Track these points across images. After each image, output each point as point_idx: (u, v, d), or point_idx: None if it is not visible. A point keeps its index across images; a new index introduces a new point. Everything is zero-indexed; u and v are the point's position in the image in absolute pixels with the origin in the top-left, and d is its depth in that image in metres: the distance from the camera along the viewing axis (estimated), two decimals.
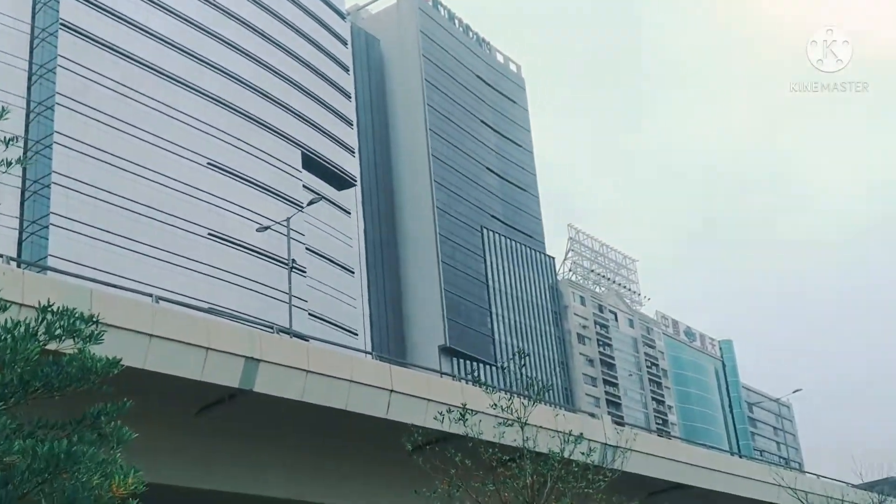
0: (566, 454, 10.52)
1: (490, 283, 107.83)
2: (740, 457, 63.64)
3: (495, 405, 10.89)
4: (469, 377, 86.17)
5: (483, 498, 10.23)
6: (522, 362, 15.42)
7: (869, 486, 32.53)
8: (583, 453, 10.78)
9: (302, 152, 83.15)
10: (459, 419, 10.81)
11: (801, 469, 70.15)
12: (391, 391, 27.24)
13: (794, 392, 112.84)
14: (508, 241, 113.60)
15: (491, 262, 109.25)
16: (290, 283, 51.97)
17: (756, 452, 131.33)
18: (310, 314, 74.27)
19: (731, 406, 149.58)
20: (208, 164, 73.74)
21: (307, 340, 29.93)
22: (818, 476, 48.76)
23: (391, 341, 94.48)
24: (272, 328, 30.04)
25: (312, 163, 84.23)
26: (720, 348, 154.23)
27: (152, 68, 71.51)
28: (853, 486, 36.85)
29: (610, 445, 22.32)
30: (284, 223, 50.42)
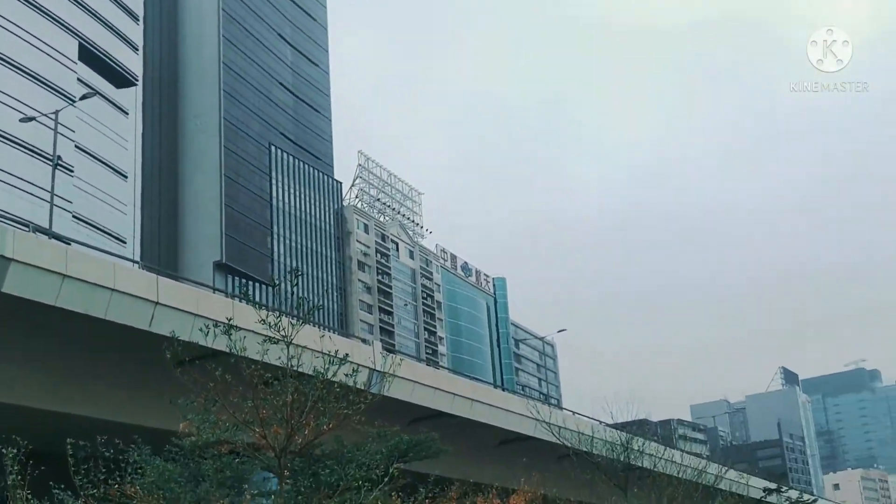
0: (329, 375, 10.22)
1: (274, 202, 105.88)
2: (503, 390, 66.20)
3: (263, 321, 10.41)
4: (241, 295, 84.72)
5: (241, 414, 9.79)
6: (295, 281, 14.97)
7: (620, 426, 34.58)
8: (346, 374, 10.53)
9: (79, 42, 77.37)
10: (224, 333, 10.25)
11: (559, 406, 73.89)
12: (156, 303, 26.09)
13: (558, 332, 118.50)
14: (297, 161, 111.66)
15: (277, 181, 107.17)
16: (53, 181, 48.84)
17: (519, 387, 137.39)
18: (74, 216, 70.07)
19: (498, 341, 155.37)
20: None
21: (68, 244, 28.08)
22: (573, 413, 51.47)
23: (163, 253, 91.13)
24: (27, 227, 28.06)
25: (90, 55, 78.50)
26: (494, 285, 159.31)
27: None
28: (605, 424, 39.21)
29: (376, 370, 22.33)
30: (52, 116, 47.17)
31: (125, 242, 79.16)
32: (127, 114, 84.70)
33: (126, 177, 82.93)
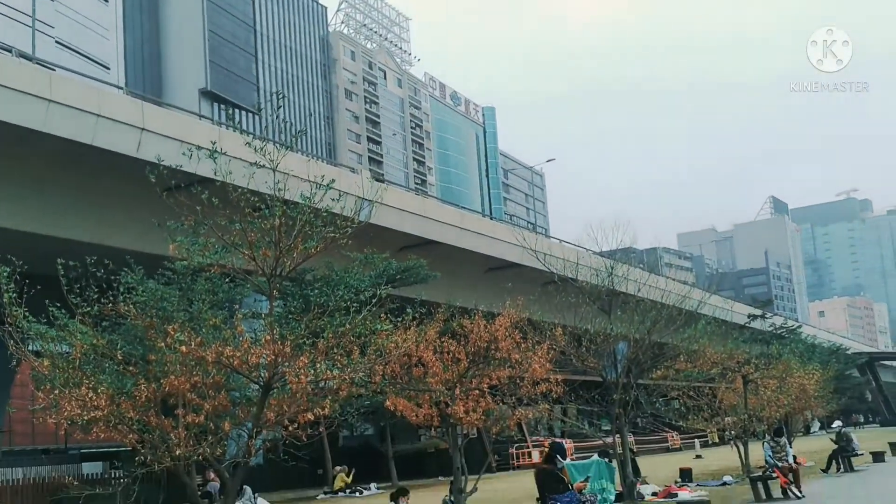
0: (316, 200, 10.33)
1: (258, 27, 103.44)
2: (491, 219, 66.82)
3: (248, 144, 10.42)
4: (228, 123, 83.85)
5: (229, 237, 9.95)
6: (280, 103, 14.82)
7: (606, 254, 35.21)
8: (333, 200, 10.63)
9: None
10: (210, 157, 10.27)
11: (546, 234, 74.74)
12: (142, 129, 25.98)
13: (547, 161, 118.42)
14: None
15: (260, 6, 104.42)
16: (34, 5, 47.59)
17: (507, 216, 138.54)
18: (57, 42, 68.54)
19: (487, 171, 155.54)
20: None
21: (52, 70, 27.65)
22: (560, 241, 52.15)
23: (147, 80, 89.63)
24: (10, 51, 27.55)
25: None
26: (483, 114, 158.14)
27: None
28: (591, 251, 39.88)
29: (364, 198, 22.44)
30: None
31: (109, 69, 77.67)
32: None
33: (107, 1, 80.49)
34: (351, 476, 34.42)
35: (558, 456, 12.58)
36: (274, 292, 10.57)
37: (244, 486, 27.89)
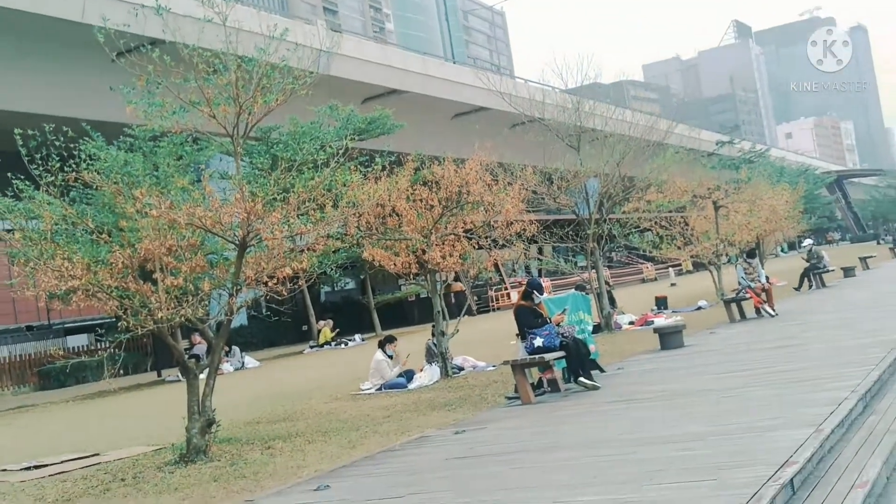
0: (271, 52, 10.07)
1: None
2: (454, 63, 65.76)
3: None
4: None
5: (185, 95, 9.73)
6: None
7: (572, 91, 34.80)
8: (288, 50, 10.37)
9: None
10: (156, 13, 9.93)
11: (511, 76, 73.83)
12: None
13: (506, 0, 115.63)
14: None
15: None
16: None
17: (470, 60, 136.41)
18: None
19: (447, 15, 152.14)
20: None
21: None
22: (525, 81, 51.52)
23: None
24: None
25: None
26: None
27: None
28: (557, 89, 39.47)
29: (321, 49, 21.96)
30: None
31: None
32: None
33: None
34: (335, 330, 35.03)
35: (535, 292, 12.77)
36: (239, 150, 10.44)
37: (232, 347, 28.48)
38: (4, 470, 11.68)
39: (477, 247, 18.24)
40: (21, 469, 11.44)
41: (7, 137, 10.51)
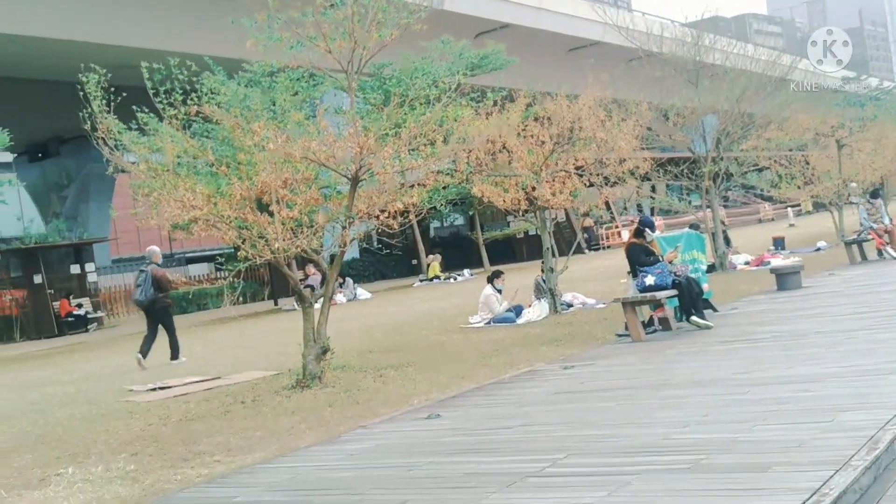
0: None
1: None
2: None
3: None
4: None
5: (302, 29, 9.86)
6: None
7: (691, 25, 33.86)
8: None
9: None
10: None
11: (628, 8, 72.12)
12: None
13: None
14: None
15: None
16: None
17: None
18: None
19: None
20: None
21: None
22: (643, 13, 50.26)
23: None
24: None
25: None
26: None
27: None
28: (676, 23, 38.38)
29: None
30: None
31: None
32: None
33: None
34: (442, 265, 35.39)
35: (647, 229, 12.62)
36: (354, 85, 10.54)
37: (346, 278, 29.11)
38: (131, 390, 12.31)
39: (588, 184, 18.06)
40: (147, 390, 12.03)
41: (133, 72, 10.86)
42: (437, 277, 34.23)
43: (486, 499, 5.15)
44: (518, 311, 16.21)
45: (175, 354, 15.58)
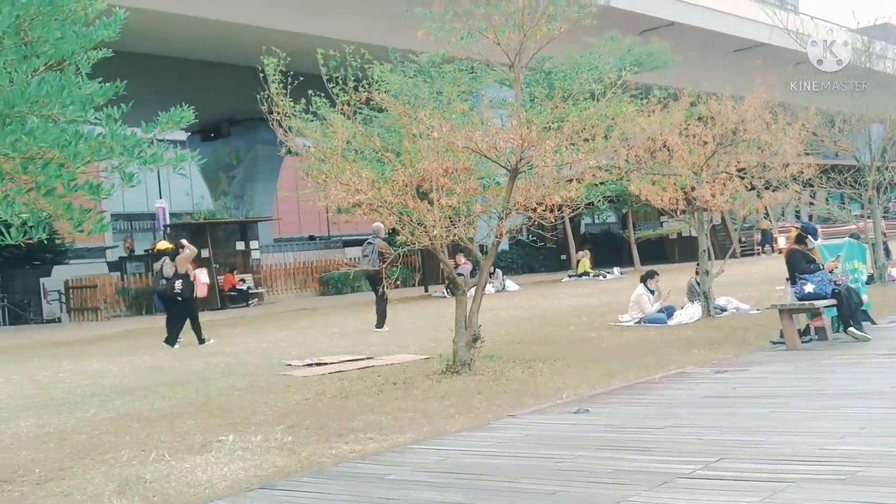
0: None
1: None
2: None
3: None
4: None
5: (475, 21, 10.05)
6: None
7: (862, 31, 32.42)
8: None
9: None
10: None
11: (796, 11, 69.67)
12: None
13: None
14: None
15: None
16: None
17: None
18: None
19: None
20: None
21: None
22: (812, 17, 48.41)
23: None
24: None
25: None
26: None
27: None
28: (845, 28, 36.93)
29: None
30: None
31: None
32: None
33: None
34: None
35: (809, 237, 12.26)
36: (520, 77, 10.67)
37: (495, 269, 29.31)
38: (290, 365, 12.83)
39: (749, 187, 17.62)
40: (304, 365, 12.53)
41: (307, 59, 11.30)
42: (587, 274, 34.02)
43: (635, 496, 5.18)
44: (669, 312, 16.00)
45: (380, 323, 17.13)
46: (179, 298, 16.58)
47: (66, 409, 10.23)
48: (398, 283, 17.38)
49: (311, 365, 12.45)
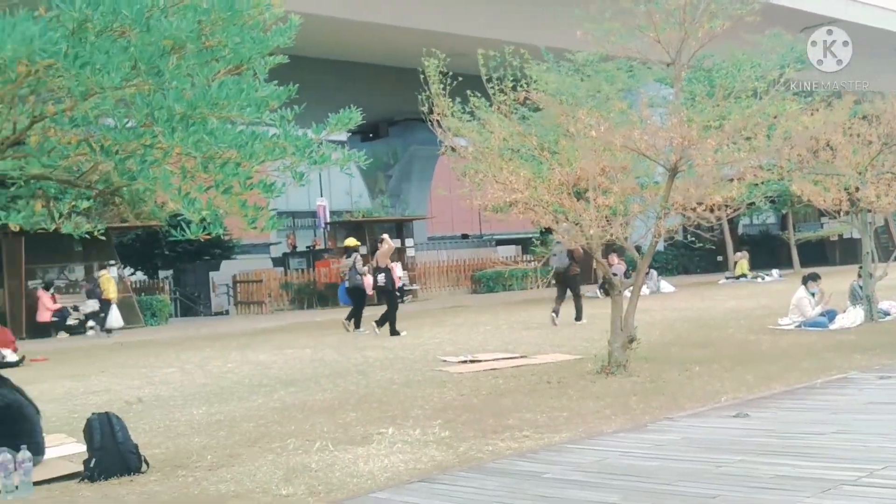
0: None
1: None
2: None
3: None
4: None
5: (635, 20, 9.98)
6: None
7: None
8: None
9: None
10: None
11: None
12: None
13: None
14: None
15: None
16: None
17: None
18: None
19: None
20: None
21: None
22: None
23: None
24: None
25: None
26: None
27: None
28: None
29: None
30: None
31: None
32: None
33: None
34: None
35: None
36: (682, 75, 10.54)
37: (650, 270, 28.88)
38: (445, 360, 13.06)
39: None
40: (459, 361, 12.72)
41: (466, 60, 11.48)
42: (745, 276, 33.12)
43: (799, 502, 5.07)
44: (831, 316, 15.44)
45: (579, 316, 17.78)
46: (387, 291, 17.76)
47: (235, 399, 10.75)
48: (550, 282, 17.40)
49: (465, 361, 12.63)
